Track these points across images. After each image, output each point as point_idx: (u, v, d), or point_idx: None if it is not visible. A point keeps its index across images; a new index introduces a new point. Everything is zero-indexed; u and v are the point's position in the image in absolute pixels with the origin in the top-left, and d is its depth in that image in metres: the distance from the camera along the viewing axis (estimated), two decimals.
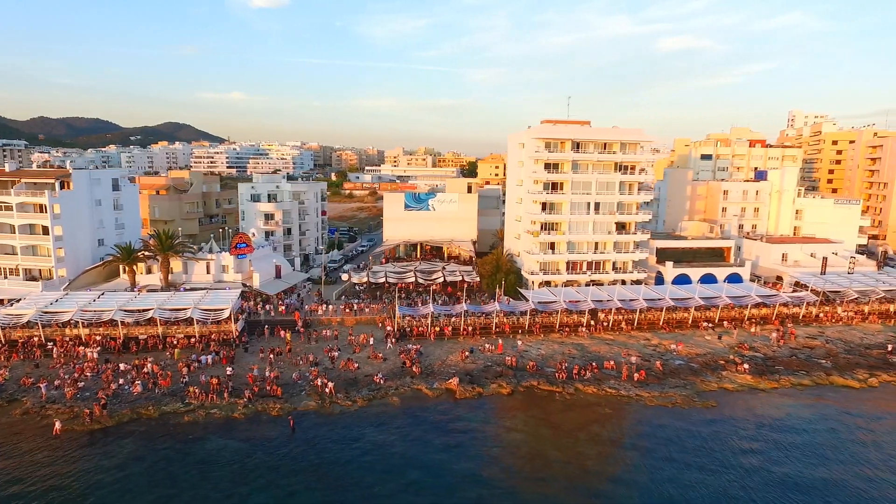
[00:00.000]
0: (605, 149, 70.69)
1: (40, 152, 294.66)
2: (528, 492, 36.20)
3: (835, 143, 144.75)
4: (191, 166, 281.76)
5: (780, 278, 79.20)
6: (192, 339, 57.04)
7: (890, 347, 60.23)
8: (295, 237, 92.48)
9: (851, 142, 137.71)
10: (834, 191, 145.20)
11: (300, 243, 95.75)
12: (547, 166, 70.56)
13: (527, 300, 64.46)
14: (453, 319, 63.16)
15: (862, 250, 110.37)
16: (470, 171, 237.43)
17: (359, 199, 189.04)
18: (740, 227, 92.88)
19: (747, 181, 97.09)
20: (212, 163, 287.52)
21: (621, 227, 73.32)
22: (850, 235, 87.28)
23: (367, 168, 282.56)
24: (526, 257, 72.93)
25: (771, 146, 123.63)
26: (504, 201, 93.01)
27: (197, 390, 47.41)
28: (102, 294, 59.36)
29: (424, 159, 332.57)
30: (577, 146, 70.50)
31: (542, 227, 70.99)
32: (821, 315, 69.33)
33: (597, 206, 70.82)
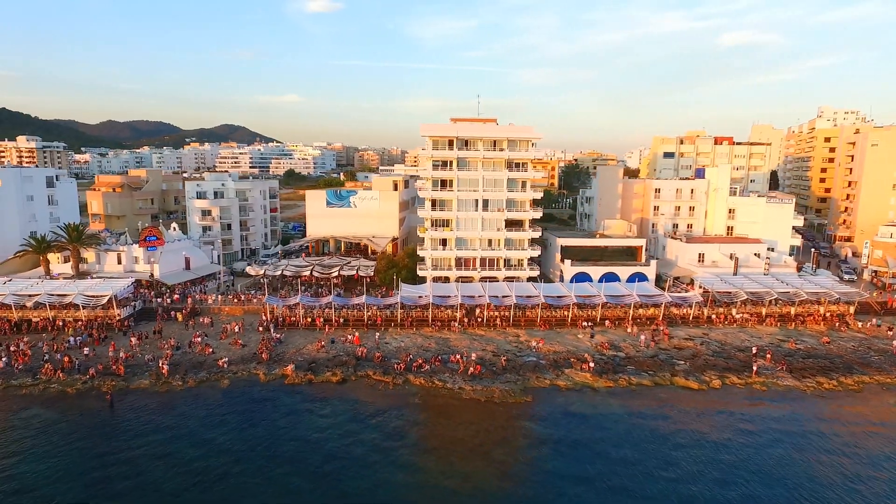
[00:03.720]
0: (494, 146, 71.27)
1: (100, 153, 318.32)
2: (269, 472, 38.39)
3: (827, 140, 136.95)
4: (216, 167, 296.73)
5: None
6: (80, 323, 62.46)
7: (755, 350, 58.17)
8: (235, 232, 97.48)
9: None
10: (827, 190, 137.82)
11: (245, 238, 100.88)
12: (437, 164, 71.93)
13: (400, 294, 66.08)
14: (326, 311, 65.74)
15: (826, 250, 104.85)
16: None
17: None
18: (674, 226, 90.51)
19: (684, 179, 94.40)
20: (236, 163, 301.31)
21: (517, 224, 73.58)
22: (783, 235, 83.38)
23: (381, 168, 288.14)
24: (422, 253, 74.49)
25: (739, 144, 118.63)
26: None
27: (50, 367, 52.30)
28: (10, 280, 65.73)
29: None
30: (467, 144, 71.46)
31: (432, 224, 72.38)
32: (713, 316, 67.35)
33: (485, 203, 71.47)
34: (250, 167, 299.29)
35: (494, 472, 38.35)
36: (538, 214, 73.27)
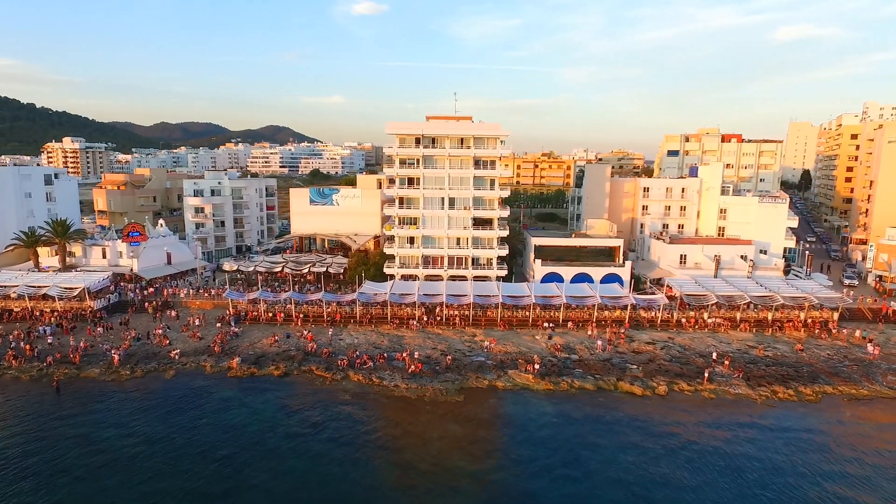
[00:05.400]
0: (462, 144, 70.58)
1: (146, 154, 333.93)
2: (178, 455, 39.33)
3: (854, 137, 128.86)
4: (248, 166, 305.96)
5: None
6: (55, 313, 65.66)
7: (715, 356, 55.40)
8: (229, 229, 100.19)
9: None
10: (851, 190, 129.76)
11: (240, 235, 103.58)
12: (409, 162, 71.84)
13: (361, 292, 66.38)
14: (287, 307, 66.73)
15: (838, 254, 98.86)
16: None
17: None
18: (664, 226, 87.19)
19: (681, 178, 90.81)
20: (266, 163, 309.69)
21: (486, 222, 72.61)
22: (777, 237, 78.96)
23: None
24: (389, 251, 74.57)
25: (750, 141, 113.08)
26: None
27: (12, 355, 55.19)
28: None
29: None
30: (434, 142, 71.08)
31: (399, 222, 72.31)
32: (683, 320, 64.55)
33: (451, 201, 70.82)
34: (280, 166, 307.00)
35: (392, 464, 38.12)
36: (505, 213, 72.07)
